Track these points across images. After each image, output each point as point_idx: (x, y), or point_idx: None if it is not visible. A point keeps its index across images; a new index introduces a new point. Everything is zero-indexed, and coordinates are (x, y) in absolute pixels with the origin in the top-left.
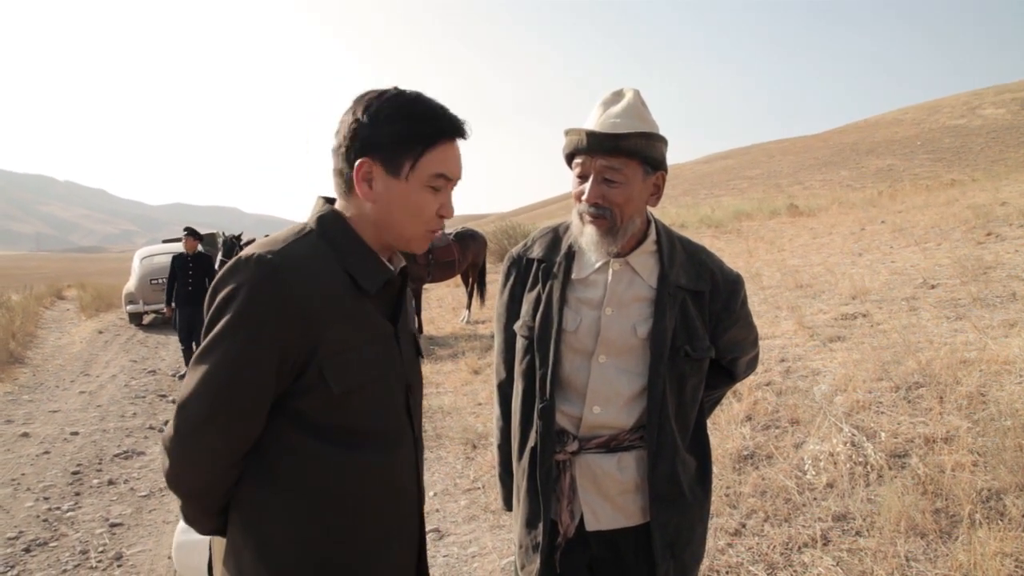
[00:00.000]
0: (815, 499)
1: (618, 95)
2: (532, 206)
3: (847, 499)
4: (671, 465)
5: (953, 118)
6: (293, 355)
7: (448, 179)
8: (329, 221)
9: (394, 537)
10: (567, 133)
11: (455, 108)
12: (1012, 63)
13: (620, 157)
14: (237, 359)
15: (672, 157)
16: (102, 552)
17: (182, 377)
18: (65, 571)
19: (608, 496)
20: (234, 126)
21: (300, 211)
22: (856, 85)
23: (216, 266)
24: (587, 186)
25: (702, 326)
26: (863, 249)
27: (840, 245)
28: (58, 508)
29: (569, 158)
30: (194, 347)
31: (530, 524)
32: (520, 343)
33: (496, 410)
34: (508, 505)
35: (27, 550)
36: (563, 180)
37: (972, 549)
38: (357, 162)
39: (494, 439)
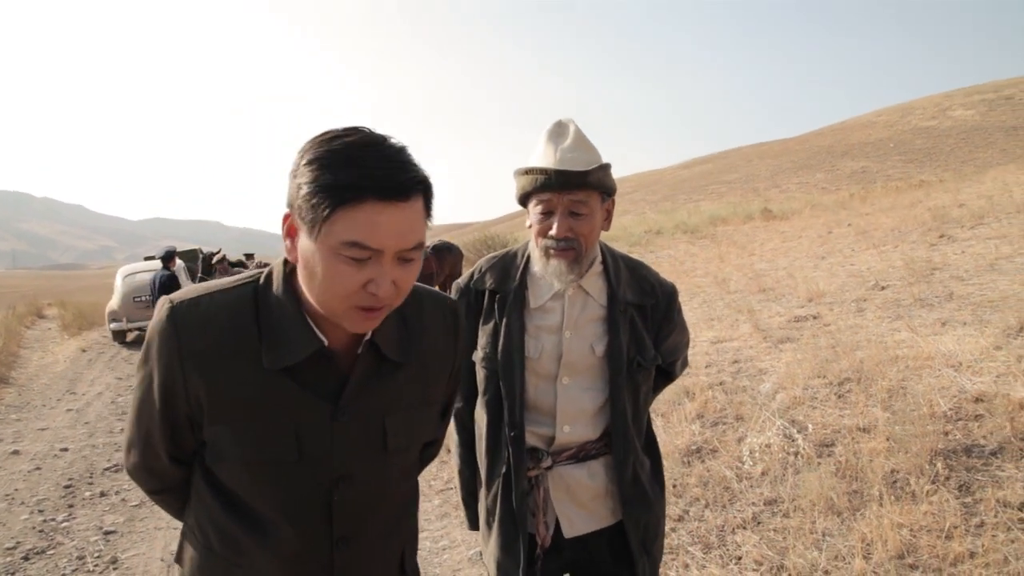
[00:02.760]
0: (751, 486)
1: (562, 127)
2: (513, 215)
3: (778, 485)
4: (633, 468)
5: (924, 120)
6: (183, 410)
7: (369, 249)
8: (274, 276)
9: None
10: (526, 172)
11: (437, 121)
12: (981, 65)
13: (585, 191)
14: (139, 397)
15: (652, 163)
16: (98, 557)
17: None
18: (64, 575)
19: (581, 503)
20: (214, 138)
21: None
22: (833, 87)
23: (195, 282)
24: (555, 221)
25: (648, 336)
26: (827, 252)
27: (807, 248)
28: (53, 519)
29: (528, 196)
30: None
31: (509, 547)
32: (482, 374)
33: (455, 437)
34: (473, 525)
35: (26, 558)
36: None
37: (873, 523)
38: (284, 213)
39: (455, 465)
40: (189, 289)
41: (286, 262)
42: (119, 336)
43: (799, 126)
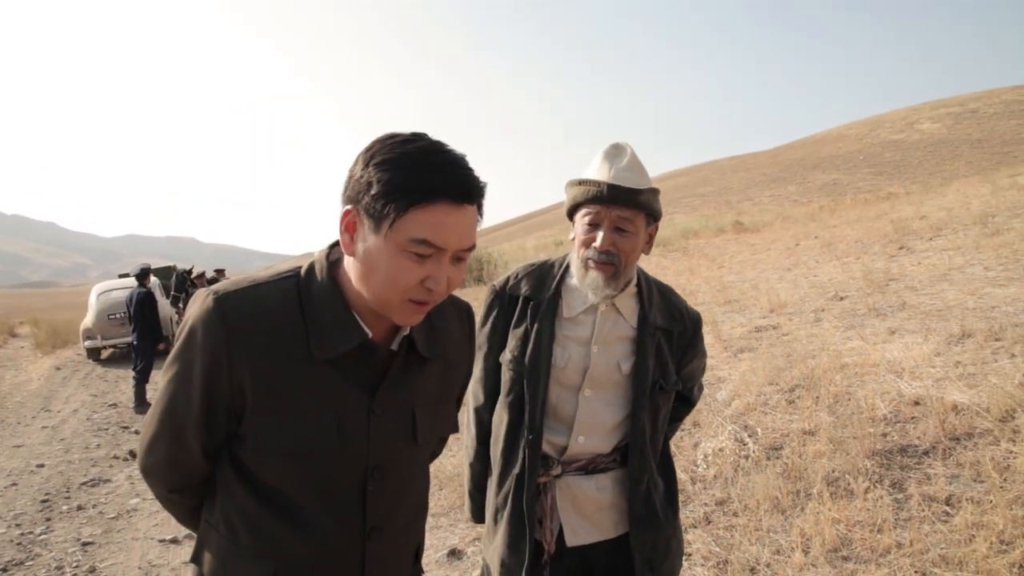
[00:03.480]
0: (704, 488)
1: (619, 148)
2: (490, 229)
3: (729, 486)
4: (647, 487)
5: (893, 133)
6: (224, 400)
7: (435, 247)
8: (316, 269)
9: None
10: (579, 183)
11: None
12: (947, 79)
13: (634, 209)
14: (174, 389)
15: None
16: (76, 567)
17: None
18: None
19: (585, 514)
20: (190, 154)
21: (259, 241)
22: (805, 100)
23: (168, 299)
24: (599, 234)
25: (672, 361)
26: (793, 264)
27: (774, 260)
28: (31, 532)
29: (577, 206)
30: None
31: (515, 545)
32: (507, 376)
33: (471, 431)
34: (477, 518)
35: (4, 570)
36: (521, 202)
37: (812, 520)
38: (343, 209)
39: (466, 458)
40: (231, 281)
41: (328, 257)
42: (94, 354)
43: (773, 139)
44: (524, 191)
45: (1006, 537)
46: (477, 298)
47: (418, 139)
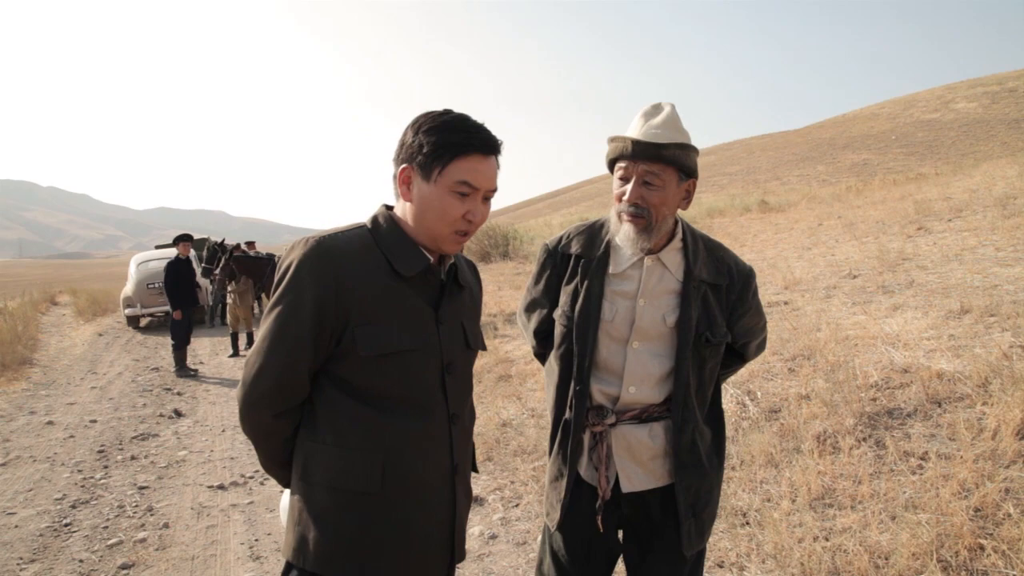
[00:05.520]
0: None
1: (657, 108)
2: (517, 205)
3: (730, 444)
4: (692, 436)
5: (927, 112)
6: (330, 318)
7: (472, 187)
8: (379, 218)
9: (423, 501)
10: (612, 140)
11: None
12: (984, 57)
13: (660, 164)
14: (285, 317)
15: None
16: (136, 506)
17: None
18: (108, 519)
19: (640, 461)
20: (219, 128)
21: (287, 214)
22: (837, 79)
23: (199, 271)
24: (628, 188)
25: (720, 315)
26: (813, 243)
27: (795, 240)
28: (92, 477)
29: (612, 163)
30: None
31: (556, 479)
32: (559, 330)
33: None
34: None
35: (73, 507)
36: (548, 179)
37: (800, 472)
38: (400, 167)
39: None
40: (317, 233)
41: (388, 211)
42: (133, 321)
43: (802, 118)
44: (550, 169)
45: (967, 486)
46: (503, 272)
47: (450, 112)
